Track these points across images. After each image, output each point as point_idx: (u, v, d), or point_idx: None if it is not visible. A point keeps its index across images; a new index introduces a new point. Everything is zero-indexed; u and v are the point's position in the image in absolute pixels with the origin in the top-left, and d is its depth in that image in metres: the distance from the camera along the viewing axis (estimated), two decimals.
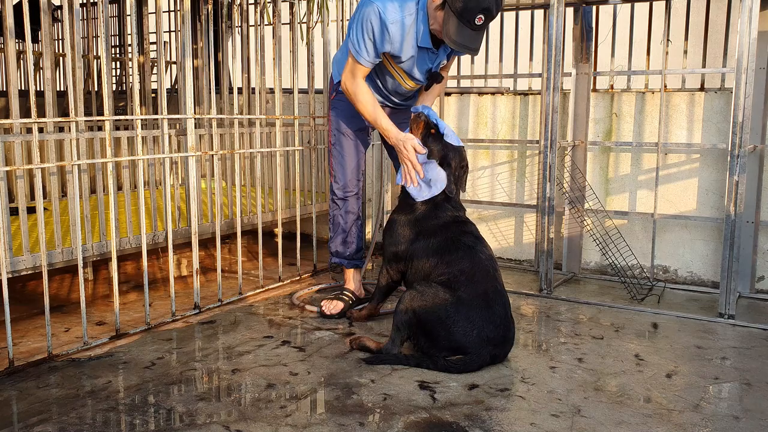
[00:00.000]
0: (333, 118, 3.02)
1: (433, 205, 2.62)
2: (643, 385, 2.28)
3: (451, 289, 2.38)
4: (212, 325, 2.89)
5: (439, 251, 2.51)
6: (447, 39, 2.49)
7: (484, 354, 2.35)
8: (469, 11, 2.41)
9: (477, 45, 2.52)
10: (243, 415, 2.03)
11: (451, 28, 2.46)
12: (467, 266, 2.43)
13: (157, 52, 3.16)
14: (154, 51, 5.45)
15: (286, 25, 4.09)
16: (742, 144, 2.91)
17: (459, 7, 2.42)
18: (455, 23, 2.45)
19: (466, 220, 2.65)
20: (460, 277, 2.41)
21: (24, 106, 3.67)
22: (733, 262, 2.99)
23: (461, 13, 2.42)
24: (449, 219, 2.59)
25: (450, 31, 2.47)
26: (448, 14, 2.46)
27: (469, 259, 2.45)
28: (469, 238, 2.54)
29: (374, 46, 2.61)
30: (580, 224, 3.75)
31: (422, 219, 2.62)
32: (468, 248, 2.49)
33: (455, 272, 2.43)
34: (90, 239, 2.81)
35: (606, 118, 3.76)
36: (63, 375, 2.32)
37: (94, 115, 4.39)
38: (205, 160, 3.65)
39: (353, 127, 2.97)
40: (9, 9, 2.50)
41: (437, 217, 2.60)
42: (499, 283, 2.46)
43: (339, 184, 3.04)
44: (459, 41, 2.47)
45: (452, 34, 2.47)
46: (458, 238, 2.52)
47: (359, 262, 3.16)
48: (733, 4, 3.58)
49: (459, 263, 2.44)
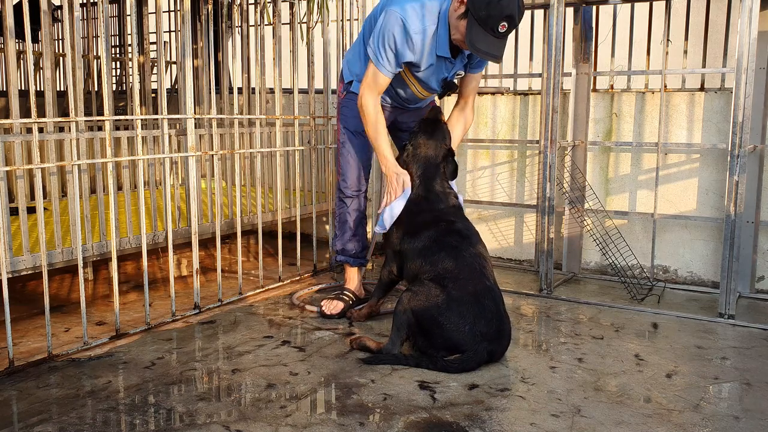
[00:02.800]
0: (342, 117, 3.05)
1: (419, 201, 2.68)
2: (643, 385, 2.28)
3: (442, 287, 2.41)
4: (212, 325, 2.89)
5: (423, 252, 2.55)
6: (471, 47, 2.48)
7: (481, 351, 2.35)
8: (492, 18, 2.41)
9: (500, 52, 2.51)
10: (243, 415, 2.03)
11: (475, 36, 2.45)
12: (451, 265, 2.46)
13: (157, 52, 3.16)
14: (154, 51, 5.45)
15: (286, 25, 4.09)
16: (742, 144, 2.91)
17: (482, 15, 2.41)
18: (479, 31, 2.44)
19: (453, 217, 2.66)
20: (446, 275, 2.44)
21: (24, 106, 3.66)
22: (733, 262, 2.99)
23: (485, 21, 2.42)
24: (433, 217, 2.63)
25: (474, 39, 2.46)
26: (471, 22, 2.45)
27: (452, 258, 2.47)
28: (454, 237, 2.56)
29: (395, 56, 2.64)
30: (580, 224, 3.75)
31: (409, 216, 2.66)
32: (452, 248, 2.51)
33: (439, 271, 2.46)
34: (90, 239, 2.81)
35: (606, 118, 3.76)
36: (63, 375, 2.32)
37: (94, 115, 4.38)
38: (205, 160, 3.65)
39: (361, 126, 2.98)
40: (9, 9, 2.50)
41: (421, 215, 2.64)
42: (489, 279, 2.48)
43: (346, 183, 3.05)
44: (483, 49, 2.47)
45: (476, 42, 2.46)
46: (441, 239, 2.55)
47: (363, 261, 3.18)
48: (733, 4, 3.58)
49: (442, 263, 2.47)
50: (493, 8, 2.39)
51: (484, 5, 2.40)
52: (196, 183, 3.01)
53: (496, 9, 2.39)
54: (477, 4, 2.42)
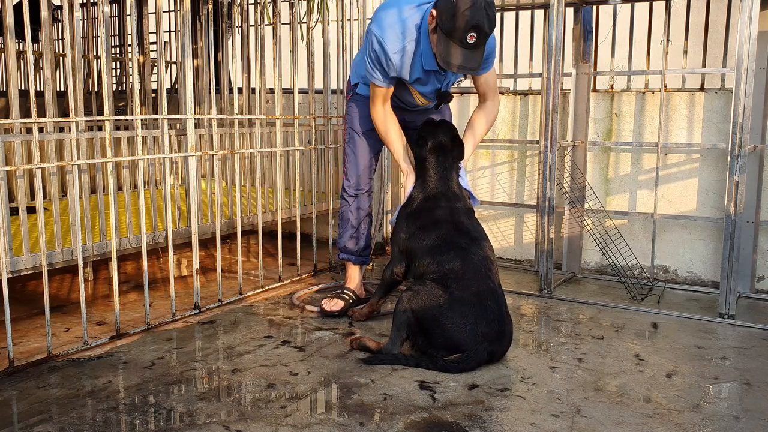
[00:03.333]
0: (348, 117, 3.07)
1: (428, 197, 2.68)
2: (643, 385, 2.28)
3: (444, 287, 2.41)
4: (212, 325, 2.89)
5: (432, 250, 2.54)
6: (440, 61, 2.46)
7: (481, 351, 2.35)
8: (458, 30, 2.37)
9: (474, 64, 2.46)
10: (243, 415, 2.03)
11: (443, 49, 2.43)
12: (458, 266, 2.46)
13: (157, 52, 3.16)
14: (154, 51, 5.45)
15: (286, 25, 4.09)
16: (742, 144, 2.91)
17: (449, 27, 2.39)
18: (448, 44, 2.42)
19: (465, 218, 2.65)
20: (450, 275, 2.44)
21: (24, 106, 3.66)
22: (733, 262, 3.00)
23: (452, 33, 2.39)
24: (445, 215, 2.62)
25: (442, 53, 2.44)
26: (439, 36, 2.44)
27: (460, 259, 2.47)
28: (464, 239, 2.55)
29: (381, 73, 2.67)
30: (580, 224, 3.75)
31: (418, 213, 2.66)
32: (461, 249, 2.51)
33: (445, 271, 2.46)
34: (90, 239, 2.81)
35: (606, 118, 3.76)
36: (63, 375, 2.32)
37: (94, 115, 4.38)
38: (205, 160, 3.65)
39: (367, 126, 3.00)
40: (9, 9, 2.50)
41: (432, 213, 2.64)
42: (494, 282, 2.48)
43: (351, 182, 3.07)
44: (452, 62, 2.43)
45: (446, 55, 2.43)
46: (452, 239, 2.54)
47: (366, 259, 3.19)
48: (733, 4, 3.58)
49: (450, 263, 2.47)
50: (459, 20, 2.36)
51: (450, 17, 2.37)
52: (196, 183, 3.01)
53: (461, 20, 2.36)
54: (443, 16, 2.40)
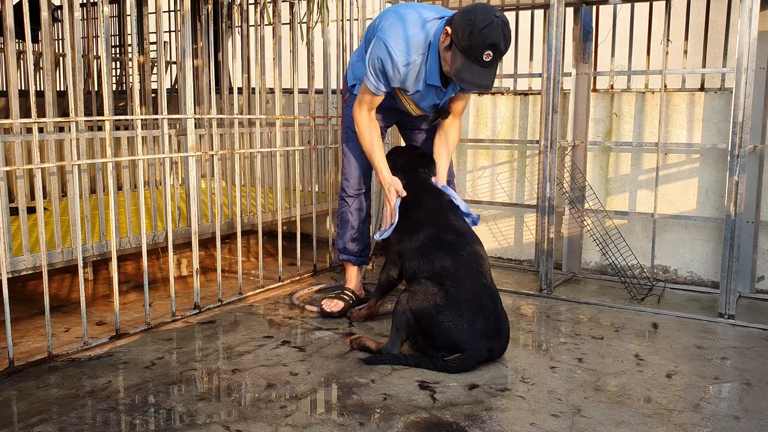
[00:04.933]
0: (346, 117, 3.06)
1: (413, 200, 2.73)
2: (643, 385, 2.28)
3: (440, 286, 2.42)
4: (212, 325, 2.89)
5: (420, 250, 2.56)
6: (456, 78, 2.46)
7: (480, 348, 2.35)
8: (474, 48, 2.37)
9: (488, 82, 2.46)
10: (243, 415, 2.03)
11: (459, 66, 2.43)
12: (448, 263, 2.47)
13: (157, 52, 3.16)
14: (154, 51, 5.45)
15: (286, 25, 4.09)
16: (742, 144, 2.91)
17: (465, 45, 2.38)
18: (464, 61, 2.41)
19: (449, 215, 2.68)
20: (443, 273, 2.45)
21: (24, 106, 3.66)
22: (733, 262, 2.99)
23: (468, 51, 2.39)
24: (429, 215, 2.67)
25: (458, 70, 2.44)
26: (455, 53, 2.43)
27: (449, 256, 2.48)
28: (450, 234, 2.57)
29: (383, 81, 2.65)
30: (580, 224, 3.75)
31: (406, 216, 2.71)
32: (448, 245, 2.52)
33: (437, 269, 2.47)
34: (90, 239, 2.81)
35: (606, 118, 3.76)
36: (63, 375, 2.32)
37: (94, 115, 4.38)
38: (205, 160, 3.65)
39: None
40: (9, 9, 2.50)
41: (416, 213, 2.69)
42: (486, 278, 2.49)
43: (349, 182, 3.07)
44: (468, 79, 2.43)
45: (460, 72, 2.43)
46: (438, 236, 2.56)
47: (366, 260, 3.19)
48: (733, 4, 3.58)
49: (440, 261, 2.48)
50: (476, 38, 2.36)
51: (467, 35, 2.37)
52: (196, 183, 3.01)
53: (478, 38, 2.35)
54: (460, 34, 2.40)
